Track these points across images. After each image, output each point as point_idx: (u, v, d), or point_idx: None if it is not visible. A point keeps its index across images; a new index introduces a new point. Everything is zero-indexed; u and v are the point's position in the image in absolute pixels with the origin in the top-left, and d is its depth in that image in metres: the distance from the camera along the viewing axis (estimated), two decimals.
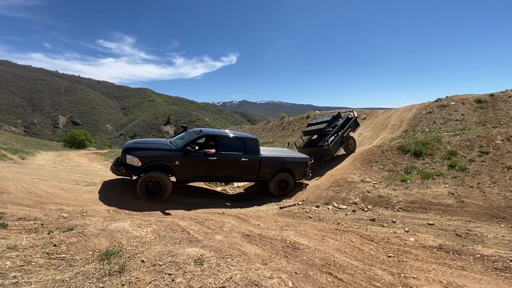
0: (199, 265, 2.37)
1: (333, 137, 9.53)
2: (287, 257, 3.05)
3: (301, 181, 8.36)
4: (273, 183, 7.33)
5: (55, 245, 2.49)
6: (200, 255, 2.60)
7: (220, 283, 2.11)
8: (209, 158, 6.34)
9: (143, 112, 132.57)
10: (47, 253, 2.31)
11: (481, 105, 12.93)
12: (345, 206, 6.30)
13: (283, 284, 2.27)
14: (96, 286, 1.86)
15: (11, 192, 4.66)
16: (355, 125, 10.69)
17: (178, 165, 6.03)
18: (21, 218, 3.64)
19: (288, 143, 12.80)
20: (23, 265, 2.04)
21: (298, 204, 6.67)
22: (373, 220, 5.35)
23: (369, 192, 6.68)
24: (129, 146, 6.07)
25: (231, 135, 7.00)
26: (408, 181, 6.84)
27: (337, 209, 6.20)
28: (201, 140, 7.19)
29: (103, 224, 3.38)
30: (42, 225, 3.28)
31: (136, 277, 2.04)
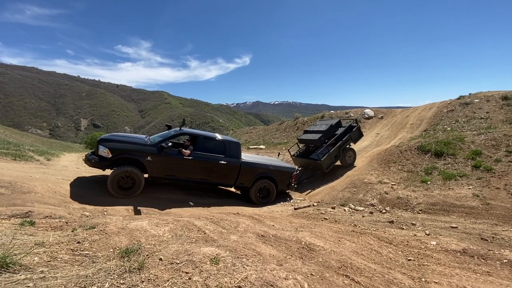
0: (215, 264, 2.40)
1: (327, 150, 8.66)
2: (302, 258, 3.03)
3: (289, 192, 7.96)
4: (254, 190, 6.95)
5: (78, 242, 2.61)
6: (216, 254, 2.63)
7: (236, 282, 2.13)
8: (185, 157, 6.13)
9: (160, 114, 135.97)
10: (71, 249, 2.42)
11: (508, 102, 12.26)
12: (362, 208, 6.17)
13: (299, 286, 2.25)
14: (117, 282, 1.93)
15: (38, 192, 4.92)
16: (358, 135, 9.48)
17: (150, 161, 5.83)
18: (47, 216, 3.84)
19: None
20: (50, 261, 2.15)
21: (313, 205, 6.59)
22: (392, 222, 5.20)
23: (387, 194, 6.49)
24: (103, 137, 6.02)
25: (211, 137, 6.76)
26: (428, 182, 6.59)
27: (353, 210, 6.07)
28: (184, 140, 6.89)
29: (123, 223, 3.49)
30: (67, 223, 3.44)
31: (154, 275, 2.09)
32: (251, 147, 17.73)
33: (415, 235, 4.43)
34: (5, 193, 4.59)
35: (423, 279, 2.81)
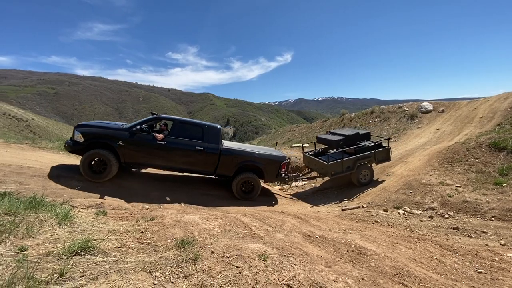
0: (263, 260, 2.46)
1: (340, 156, 7.66)
2: (352, 261, 2.90)
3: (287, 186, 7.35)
4: (236, 183, 6.43)
5: (142, 232, 2.92)
6: (264, 251, 2.69)
7: (284, 280, 2.14)
8: (158, 142, 5.95)
9: (206, 115, 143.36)
10: (136, 238, 2.73)
11: None
12: (419, 212, 5.63)
13: None
14: (176, 270, 2.12)
15: (108, 186, 5.65)
16: (384, 157, 8.16)
17: (122, 146, 5.73)
18: (115, 208, 4.38)
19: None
20: (120, 247, 2.45)
21: (363, 206, 6.24)
22: (457, 229, 4.64)
23: (450, 196, 5.81)
24: (80, 123, 6.12)
25: (188, 121, 6.57)
26: (504, 185, 5.70)
27: (409, 214, 5.58)
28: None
29: (177, 216, 3.79)
30: (131, 214, 3.88)
31: (208, 266, 2.24)
32: (294, 145, 17.51)
33: (486, 244, 3.88)
34: (82, 186, 5.37)
35: None
